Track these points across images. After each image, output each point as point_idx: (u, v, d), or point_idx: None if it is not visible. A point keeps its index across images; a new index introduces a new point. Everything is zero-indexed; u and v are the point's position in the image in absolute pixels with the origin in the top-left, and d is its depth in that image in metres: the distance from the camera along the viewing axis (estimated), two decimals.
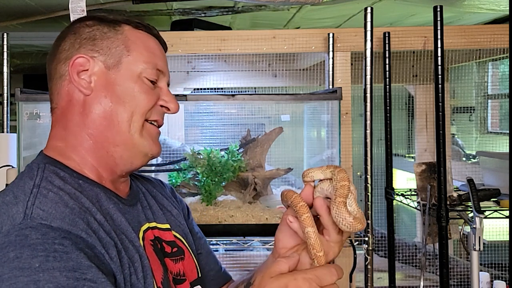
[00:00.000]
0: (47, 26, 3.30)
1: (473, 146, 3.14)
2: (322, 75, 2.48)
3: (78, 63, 0.87)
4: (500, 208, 1.90)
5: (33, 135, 1.95)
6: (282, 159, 2.16)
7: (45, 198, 0.75)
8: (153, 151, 0.91)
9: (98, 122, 0.87)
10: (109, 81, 0.87)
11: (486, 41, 2.36)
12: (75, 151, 0.87)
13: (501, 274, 2.37)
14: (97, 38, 0.88)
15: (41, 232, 0.69)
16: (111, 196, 0.87)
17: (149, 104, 0.89)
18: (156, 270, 0.84)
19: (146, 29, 0.94)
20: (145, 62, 0.89)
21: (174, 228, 0.98)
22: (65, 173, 0.83)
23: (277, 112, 2.17)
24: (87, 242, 0.72)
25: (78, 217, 0.74)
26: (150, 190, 1.02)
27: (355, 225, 0.77)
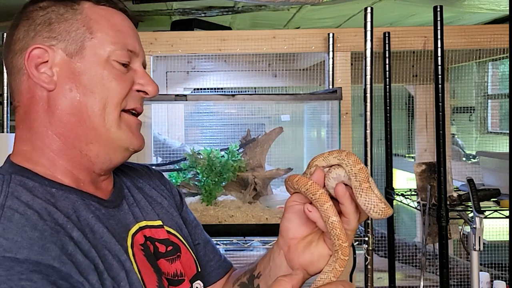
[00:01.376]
0: None
1: (473, 146, 3.14)
2: (322, 75, 2.48)
3: (34, 55, 0.75)
4: (500, 208, 1.90)
5: None
6: (282, 159, 2.16)
7: (10, 223, 0.64)
8: (134, 144, 0.80)
9: (66, 119, 0.75)
10: (73, 70, 0.75)
11: (486, 41, 2.36)
12: (43, 155, 0.76)
13: (501, 274, 2.37)
14: (53, 22, 0.76)
15: (5, 267, 0.59)
16: (91, 202, 0.76)
17: (123, 91, 0.77)
18: (149, 282, 0.74)
19: (110, 3, 0.81)
20: (112, 43, 0.77)
21: (167, 223, 0.87)
22: (34, 182, 0.72)
23: (277, 112, 2.17)
24: (61, 272, 0.62)
25: (50, 241, 0.64)
26: (136, 182, 0.91)
27: (387, 210, 0.72)
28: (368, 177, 0.71)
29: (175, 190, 0.99)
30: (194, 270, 0.89)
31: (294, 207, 0.77)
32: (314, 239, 0.76)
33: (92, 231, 0.72)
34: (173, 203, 0.94)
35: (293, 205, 0.77)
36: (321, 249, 0.75)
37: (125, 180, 0.89)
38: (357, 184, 0.71)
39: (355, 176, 0.71)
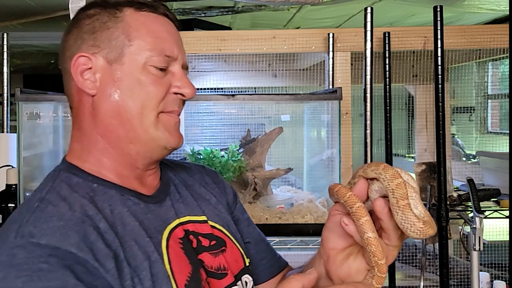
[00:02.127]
0: (47, 26, 3.30)
1: (473, 146, 3.14)
2: (322, 75, 2.48)
3: (80, 62, 0.82)
4: (500, 208, 1.90)
5: (33, 135, 1.95)
6: (282, 159, 2.16)
7: (41, 213, 0.73)
8: (171, 143, 0.84)
9: (108, 122, 0.82)
10: (113, 76, 0.81)
11: (486, 41, 2.36)
12: (90, 154, 0.83)
13: (501, 274, 2.37)
14: (96, 31, 0.82)
15: (28, 251, 0.67)
16: (129, 197, 0.82)
17: (159, 95, 0.82)
18: (179, 272, 0.78)
19: (151, 8, 0.84)
20: (149, 50, 0.81)
21: (212, 219, 0.91)
22: (78, 178, 0.81)
23: (277, 112, 2.17)
24: (78, 257, 0.68)
25: (73, 229, 0.71)
26: (185, 180, 0.96)
27: (426, 230, 0.67)
28: (406, 194, 0.67)
29: (229, 189, 1.04)
30: (241, 265, 0.91)
31: (336, 216, 0.76)
32: (353, 252, 0.76)
33: (123, 224, 0.77)
34: (223, 201, 0.99)
35: (335, 214, 0.76)
36: (359, 263, 0.75)
37: (174, 178, 0.94)
38: (394, 201, 0.68)
39: (393, 192, 0.68)
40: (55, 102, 1.92)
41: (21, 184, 1.77)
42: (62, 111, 1.96)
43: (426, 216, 0.70)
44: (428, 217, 0.70)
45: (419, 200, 0.71)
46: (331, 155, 2.05)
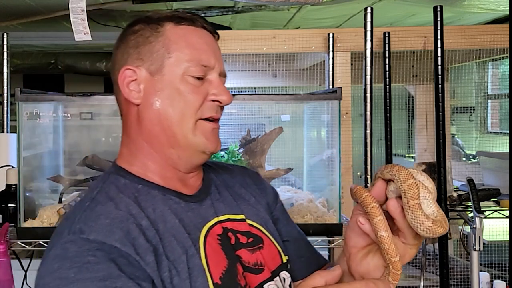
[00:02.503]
0: (47, 26, 3.30)
1: (473, 146, 3.14)
2: (322, 75, 2.48)
3: (125, 75, 0.89)
4: (500, 208, 1.90)
5: (33, 135, 1.95)
6: (282, 159, 2.16)
7: (91, 212, 0.82)
8: (208, 148, 0.90)
9: (151, 128, 0.89)
10: (155, 87, 0.88)
11: (486, 41, 2.36)
12: (136, 158, 0.91)
13: (501, 274, 2.37)
14: (140, 45, 0.90)
15: (78, 245, 0.76)
16: (170, 197, 0.89)
17: (197, 103, 0.88)
18: (215, 266, 0.84)
19: (189, 22, 0.92)
20: (187, 61, 0.88)
21: (251, 217, 0.97)
22: (126, 180, 0.89)
23: (277, 112, 2.17)
24: (121, 251, 0.77)
25: (118, 227, 0.79)
26: (226, 181, 1.02)
27: (435, 229, 0.70)
28: (417, 194, 0.70)
29: (270, 190, 1.09)
30: (278, 261, 0.96)
31: (356, 216, 0.80)
32: (372, 250, 0.80)
33: (164, 221, 0.85)
34: (263, 201, 1.04)
35: (356, 214, 0.80)
36: (377, 260, 0.78)
37: (215, 179, 1.01)
38: (406, 201, 0.71)
39: (404, 193, 0.71)
40: (55, 102, 1.92)
41: (21, 184, 1.77)
42: (62, 111, 1.95)
43: (439, 215, 0.72)
44: (441, 216, 0.72)
45: (433, 200, 0.73)
46: (331, 155, 2.05)
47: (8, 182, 1.92)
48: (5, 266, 1.68)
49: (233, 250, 0.89)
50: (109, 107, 2.13)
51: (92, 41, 1.96)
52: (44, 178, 1.99)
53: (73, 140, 2.14)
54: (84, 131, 2.16)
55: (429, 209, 0.73)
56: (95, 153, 1.97)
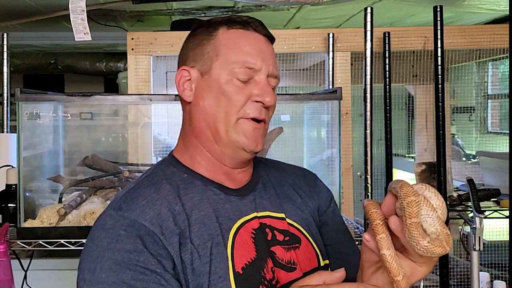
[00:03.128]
0: (47, 26, 3.30)
1: (473, 146, 3.14)
2: (322, 75, 2.48)
3: (181, 74, 0.98)
4: (500, 208, 1.90)
5: (33, 135, 1.95)
6: (282, 159, 2.15)
7: (133, 193, 0.92)
8: (248, 146, 0.95)
9: (199, 125, 0.97)
10: (203, 87, 0.96)
11: (486, 41, 2.36)
12: (187, 150, 1.00)
13: (501, 274, 2.37)
14: (195, 48, 0.97)
15: (115, 220, 0.87)
16: (211, 188, 0.95)
17: (239, 103, 0.93)
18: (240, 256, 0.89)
19: (241, 25, 0.97)
20: (233, 63, 0.94)
21: (292, 217, 1.00)
22: (174, 168, 0.98)
23: (277, 112, 2.17)
24: (149, 230, 0.85)
25: (151, 208, 0.88)
26: (276, 180, 1.06)
27: (432, 249, 0.68)
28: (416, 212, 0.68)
29: (325, 194, 1.11)
30: (314, 264, 0.99)
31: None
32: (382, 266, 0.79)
33: (199, 209, 0.92)
34: (312, 204, 1.07)
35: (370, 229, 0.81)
36: (385, 277, 0.78)
37: (265, 176, 1.06)
38: (404, 219, 0.69)
39: (404, 210, 0.69)
40: (55, 102, 1.92)
41: (21, 184, 1.77)
42: (62, 111, 1.95)
43: (442, 234, 0.70)
44: (445, 235, 0.70)
45: (438, 218, 0.71)
46: (331, 155, 2.05)
47: (8, 182, 1.92)
48: (5, 266, 1.68)
49: (267, 245, 0.93)
50: (109, 107, 2.13)
51: (92, 41, 1.96)
52: (44, 178, 1.99)
53: (73, 140, 2.14)
54: (84, 131, 2.16)
55: (432, 227, 0.71)
56: (95, 153, 1.97)
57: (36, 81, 5.08)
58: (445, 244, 0.69)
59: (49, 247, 1.73)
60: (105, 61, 4.70)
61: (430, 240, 0.68)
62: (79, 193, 1.89)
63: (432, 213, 0.71)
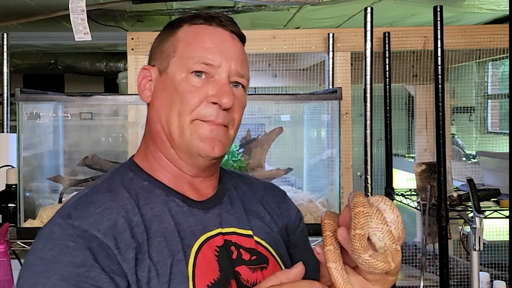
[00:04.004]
0: (47, 26, 3.30)
1: (473, 146, 3.13)
2: (322, 75, 2.48)
3: (143, 74, 0.91)
4: (500, 208, 1.90)
5: (33, 135, 1.95)
6: (282, 159, 2.16)
7: (86, 199, 0.83)
8: (203, 150, 0.85)
9: (154, 127, 0.89)
10: (160, 86, 0.88)
11: (486, 41, 2.36)
12: (146, 156, 0.91)
13: (501, 274, 2.37)
14: (157, 46, 0.91)
15: (63, 229, 0.77)
16: (174, 199, 0.87)
17: (192, 103, 0.85)
18: (202, 276, 0.80)
19: (204, 21, 0.89)
20: (189, 58, 0.85)
21: (260, 235, 0.92)
22: (134, 174, 0.89)
23: (277, 112, 2.17)
24: (101, 242, 0.77)
25: (105, 217, 0.79)
26: (244, 194, 0.98)
27: (373, 263, 0.64)
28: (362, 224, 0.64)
29: (293, 212, 1.04)
30: None
31: None
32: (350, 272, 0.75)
33: (159, 222, 0.83)
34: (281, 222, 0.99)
35: None
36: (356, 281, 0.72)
37: (232, 190, 0.97)
38: (350, 230, 0.65)
39: (351, 221, 0.65)
40: (55, 102, 1.92)
41: (21, 184, 1.77)
42: (62, 111, 1.96)
43: (390, 250, 0.66)
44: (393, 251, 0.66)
45: (389, 233, 0.66)
46: (331, 155, 2.05)
47: (8, 182, 1.92)
48: (5, 266, 1.68)
49: (232, 264, 0.85)
50: (109, 107, 2.13)
51: (92, 41, 1.96)
52: (44, 178, 1.99)
53: (73, 140, 2.14)
54: (84, 131, 2.16)
55: (380, 241, 0.66)
56: (95, 153, 1.98)
57: (36, 81, 5.08)
58: (390, 260, 0.65)
59: None
60: (105, 61, 4.70)
61: (373, 254, 0.64)
62: None
63: (383, 227, 0.66)
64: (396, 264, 0.66)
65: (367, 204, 0.66)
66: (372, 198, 0.69)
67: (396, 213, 0.68)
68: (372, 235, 0.67)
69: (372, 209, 0.67)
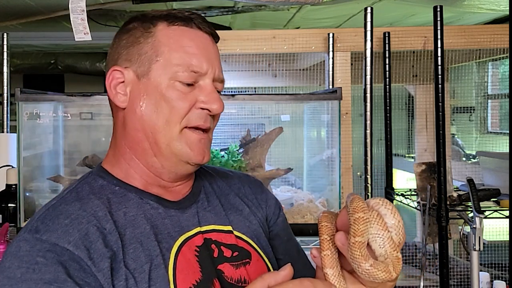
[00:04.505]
0: (47, 26, 3.30)
1: (473, 146, 3.14)
2: (322, 75, 2.48)
3: (113, 76, 0.85)
4: (500, 208, 1.90)
5: (33, 135, 1.95)
6: (282, 159, 2.16)
7: (53, 211, 0.78)
8: (193, 159, 0.84)
9: (134, 135, 0.85)
10: (141, 91, 0.83)
11: (486, 41, 2.36)
12: (119, 161, 0.87)
13: (501, 274, 2.37)
14: (129, 46, 0.85)
15: (31, 245, 0.73)
16: (148, 201, 0.84)
17: (182, 111, 0.82)
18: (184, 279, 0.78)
19: (183, 22, 0.85)
20: (176, 65, 0.82)
21: (239, 230, 0.90)
22: (103, 181, 0.85)
23: (277, 112, 2.17)
24: (73, 254, 0.73)
25: (75, 228, 0.76)
26: (220, 189, 0.96)
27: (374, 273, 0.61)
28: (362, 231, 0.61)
29: (272, 202, 1.01)
30: None
31: None
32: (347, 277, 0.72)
33: (134, 226, 0.80)
34: (260, 213, 0.97)
35: None
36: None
37: (208, 186, 0.94)
38: (349, 237, 0.62)
39: (350, 227, 0.62)
40: (55, 102, 1.93)
41: (21, 184, 1.77)
42: (62, 111, 1.96)
43: (391, 257, 0.63)
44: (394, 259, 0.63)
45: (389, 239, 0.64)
46: (331, 155, 2.05)
47: (8, 182, 1.92)
48: None
49: (213, 263, 0.83)
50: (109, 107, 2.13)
51: (92, 41, 1.96)
52: (44, 178, 1.99)
53: (73, 140, 2.14)
54: (84, 131, 2.16)
55: (380, 249, 0.63)
56: (95, 153, 1.98)
57: (36, 81, 5.08)
58: (391, 269, 0.62)
59: None
60: (105, 61, 4.70)
61: (374, 264, 0.61)
62: None
63: (383, 233, 0.63)
64: (397, 273, 0.63)
65: (366, 209, 0.64)
66: (372, 201, 0.66)
67: (397, 218, 0.65)
68: (372, 242, 0.64)
69: (372, 213, 0.64)
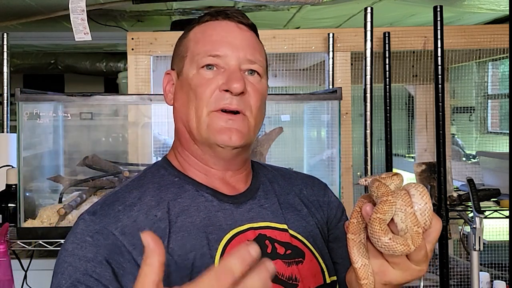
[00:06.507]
0: (47, 26, 3.30)
1: (473, 146, 3.13)
2: (322, 75, 2.48)
3: (167, 79, 0.95)
4: (500, 208, 1.90)
5: (33, 135, 1.95)
6: (282, 159, 2.16)
7: (113, 197, 0.86)
8: (220, 141, 0.85)
9: (178, 127, 0.93)
10: (178, 87, 0.92)
11: (486, 41, 2.36)
12: (177, 154, 0.94)
13: (501, 274, 2.37)
14: (175, 50, 0.95)
15: (86, 224, 0.82)
16: (204, 194, 0.88)
17: (205, 95, 0.86)
18: None
19: (210, 17, 0.92)
20: (197, 54, 0.88)
21: (295, 229, 0.91)
22: (165, 171, 0.92)
23: (277, 112, 2.17)
24: (117, 240, 0.80)
25: (126, 215, 0.83)
26: (281, 188, 0.97)
27: (393, 246, 0.62)
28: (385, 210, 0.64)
29: (335, 205, 1.02)
30: (320, 281, 0.89)
31: None
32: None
33: (186, 216, 0.85)
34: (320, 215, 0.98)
35: None
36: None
37: (267, 184, 0.97)
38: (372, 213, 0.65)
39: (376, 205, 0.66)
40: (55, 102, 1.92)
41: (21, 184, 1.77)
42: (62, 111, 1.96)
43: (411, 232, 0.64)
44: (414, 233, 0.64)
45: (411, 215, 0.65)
46: (331, 155, 2.05)
47: (8, 182, 1.92)
48: (5, 266, 1.68)
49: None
50: (109, 107, 2.13)
51: (92, 41, 1.96)
52: (44, 178, 1.99)
53: (73, 140, 2.14)
54: (84, 131, 2.16)
55: (402, 223, 0.65)
56: (95, 153, 1.98)
57: (36, 81, 5.08)
58: (410, 243, 0.63)
59: (49, 247, 1.73)
60: (105, 61, 4.70)
61: (392, 237, 0.63)
62: (79, 193, 1.89)
63: (406, 208, 0.65)
64: (416, 247, 0.64)
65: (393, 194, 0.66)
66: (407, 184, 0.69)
67: (425, 200, 0.66)
68: (395, 216, 0.66)
69: (401, 192, 0.67)
